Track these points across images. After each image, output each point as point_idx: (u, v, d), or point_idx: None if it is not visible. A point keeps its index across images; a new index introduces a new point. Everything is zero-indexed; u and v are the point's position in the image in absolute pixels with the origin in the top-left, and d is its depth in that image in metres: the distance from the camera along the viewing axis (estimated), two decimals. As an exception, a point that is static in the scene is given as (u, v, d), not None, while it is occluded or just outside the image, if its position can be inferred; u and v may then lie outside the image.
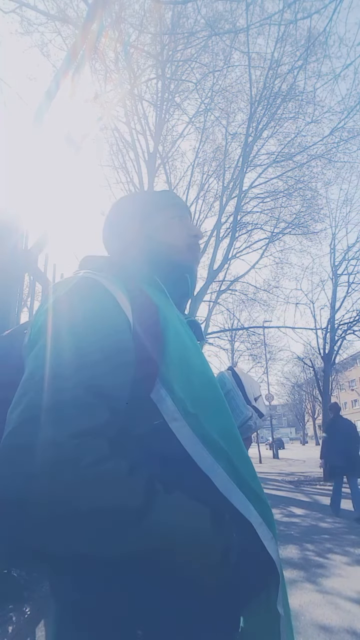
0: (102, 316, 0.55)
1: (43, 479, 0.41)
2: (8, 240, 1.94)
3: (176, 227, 0.81)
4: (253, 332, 15.59)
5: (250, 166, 10.39)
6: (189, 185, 10.79)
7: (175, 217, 0.82)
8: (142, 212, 0.82)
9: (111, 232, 0.84)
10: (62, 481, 0.41)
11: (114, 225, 0.83)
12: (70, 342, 0.51)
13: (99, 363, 0.50)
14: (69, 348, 0.51)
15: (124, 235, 0.81)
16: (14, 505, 0.40)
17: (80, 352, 0.50)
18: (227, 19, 8.78)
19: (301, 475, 11.45)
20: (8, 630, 0.88)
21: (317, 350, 11.31)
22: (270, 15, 7.23)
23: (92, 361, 0.50)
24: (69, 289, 0.58)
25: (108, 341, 0.53)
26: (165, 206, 0.83)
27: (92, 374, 0.49)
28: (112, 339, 0.53)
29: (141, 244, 0.79)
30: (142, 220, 0.81)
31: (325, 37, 7.59)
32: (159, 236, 0.79)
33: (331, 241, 11.58)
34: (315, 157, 10.49)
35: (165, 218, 0.81)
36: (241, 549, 0.51)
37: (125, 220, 0.82)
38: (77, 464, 0.42)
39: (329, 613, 2.53)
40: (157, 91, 9.59)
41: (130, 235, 0.80)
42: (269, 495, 7.83)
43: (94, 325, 0.53)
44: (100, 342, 0.52)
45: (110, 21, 6.20)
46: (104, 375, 0.50)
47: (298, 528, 4.91)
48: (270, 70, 9.21)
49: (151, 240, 0.79)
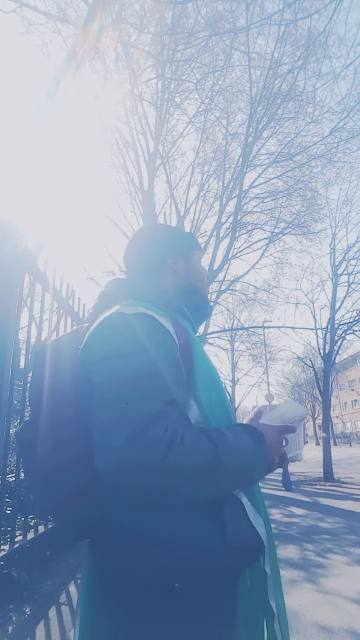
0: (165, 344, 0.71)
1: (161, 463, 0.59)
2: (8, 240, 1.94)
3: (202, 268, 1.01)
4: (253, 332, 15.60)
5: (250, 166, 10.38)
6: (189, 185, 10.81)
7: (200, 258, 1.02)
8: (181, 248, 0.97)
9: (137, 255, 0.97)
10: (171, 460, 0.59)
11: (143, 249, 0.96)
12: (144, 365, 0.67)
13: (169, 380, 0.67)
14: (143, 371, 0.66)
15: (157, 264, 0.95)
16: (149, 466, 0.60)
17: (155, 374, 0.67)
18: (227, 19, 8.78)
19: (301, 475, 11.44)
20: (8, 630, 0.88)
21: (317, 350, 11.29)
22: (270, 15, 7.23)
23: (164, 379, 0.67)
24: (130, 320, 0.71)
25: (173, 362, 0.70)
26: (197, 247, 1.02)
27: (166, 389, 0.66)
28: (175, 361, 0.71)
29: (177, 276, 0.95)
30: (178, 256, 0.96)
31: (325, 37, 7.60)
32: (193, 274, 0.97)
33: (331, 241, 11.56)
34: (315, 157, 10.49)
35: (197, 259, 1.00)
36: (235, 522, 0.68)
37: (161, 250, 0.96)
38: (173, 445, 0.60)
39: (329, 613, 2.53)
40: (157, 91, 9.58)
41: (165, 267, 0.94)
42: (269, 495, 7.84)
43: (161, 351, 0.70)
44: (169, 363, 0.69)
45: (110, 21, 6.20)
46: (173, 390, 0.67)
47: (298, 528, 4.91)
48: (270, 70, 9.21)
49: (187, 277, 0.96)
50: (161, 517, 0.63)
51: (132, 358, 0.66)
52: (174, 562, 0.61)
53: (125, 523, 0.64)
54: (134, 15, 8.24)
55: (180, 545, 0.62)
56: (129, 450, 0.59)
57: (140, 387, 0.64)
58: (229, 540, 0.64)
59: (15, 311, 2.24)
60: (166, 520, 0.63)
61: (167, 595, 0.62)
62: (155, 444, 0.59)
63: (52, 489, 0.69)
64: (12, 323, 2.19)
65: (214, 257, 10.21)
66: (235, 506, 0.69)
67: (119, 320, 0.71)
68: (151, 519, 0.64)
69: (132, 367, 0.66)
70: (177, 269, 0.94)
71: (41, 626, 2.15)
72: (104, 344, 0.70)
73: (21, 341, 3.86)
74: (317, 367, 11.56)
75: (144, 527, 0.63)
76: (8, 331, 2.15)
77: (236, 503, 0.70)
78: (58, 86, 3.57)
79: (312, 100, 9.78)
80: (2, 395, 2.08)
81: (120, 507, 0.65)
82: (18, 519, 2.53)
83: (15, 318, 2.25)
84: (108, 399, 0.64)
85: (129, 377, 0.65)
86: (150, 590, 0.62)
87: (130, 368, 0.66)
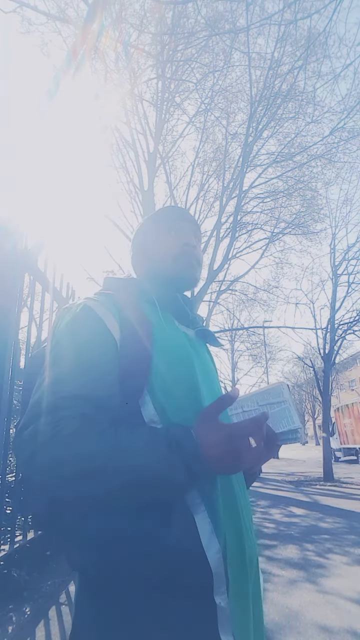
0: (87, 336, 0.66)
1: (40, 452, 0.54)
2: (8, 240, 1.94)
3: (167, 242, 0.85)
4: (253, 332, 15.59)
5: (250, 166, 10.37)
6: (189, 185, 10.80)
7: (171, 230, 0.85)
8: (147, 230, 0.89)
9: (131, 252, 0.93)
10: (48, 450, 0.54)
11: (132, 244, 0.93)
12: (60, 358, 0.63)
13: (79, 374, 0.61)
14: (57, 364, 0.63)
15: (136, 254, 0.90)
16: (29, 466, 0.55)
17: (67, 366, 0.62)
18: (227, 19, 8.78)
19: (301, 475, 11.45)
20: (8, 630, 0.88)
21: (317, 350, 11.29)
22: (270, 15, 7.22)
23: (74, 372, 0.61)
24: (69, 315, 0.69)
25: (90, 356, 0.64)
26: (161, 221, 0.87)
27: (76, 383, 0.60)
28: (94, 355, 0.64)
29: (143, 263, 0.87)
30: (144, 240, 0.88)
31: (325, 37, 7.60)
32: (152, 253, 0.86)
33: (331, 241, 11.56)
34: (315, 157, 10.48)
35: (158, 234, 0.86)
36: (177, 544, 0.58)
37: (136, 239, 0.91)
38: (57, 436, 0.54)
39: (329, 613, 2.53)
40: (157, 91, 9.59)
41: (139, 254, 0.89)
42: (269, 495, 7.84)
43: (79, 343, 0.65)
44: (85, 359, 0.63)
45: (110, 21, 6.20)
46: (82, 385, 0.60)
47: (298, 528, 4.91)
48: (270, 70, 9.20)
49: (147, 259, 0.86)
50: (106, 517, 0.58)
51: (53, 350, 0.65)
52: (112, 565, 0.58)
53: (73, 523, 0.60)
54: (134, 15, 8.25)
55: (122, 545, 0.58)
56: (15, 443, 0.60)
57: (44, 379, 0.62)
58: (165, 555, 0.57)
59: (15, 311, 2.24)
60: (116, 520, 0.58)
61: (104, 599, 0.59)
62: (30, 437, 0.56)
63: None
64: (12, 323, 2.19)
65: (214, 257, 10.21)
66: (186, 522, 0.60)
67: (57, 317, 0.73)
68: (94, 518, 0.58)
69: (53, 359, 0.64)
70: (146, 253, 0.87)
71: (41, 626, 2.15)
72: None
73: (21, 341, 3.86)
74: (317, 367, 11.56)
75: (87, 527, 0.59)
76: (8, 331, 2.15)
77: (188, 519, 0.60)
78: (58, 86, 3.57)
79: (312, 100, 9.78)
80: (2, 395, 2.09)
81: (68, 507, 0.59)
82: (18, 519, 2.53)
83: (15, 318, 2.25)
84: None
85: (46, 370, 0.64)
86: (91, 595, 0.61)
87: (52, 359, 0.64)
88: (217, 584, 0.59)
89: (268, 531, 4.78)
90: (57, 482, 0.54)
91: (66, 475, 0.53)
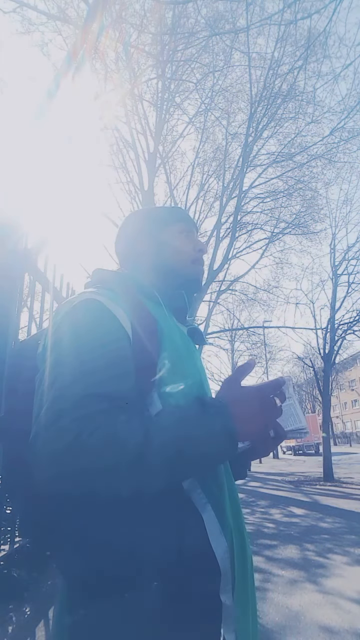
0: (103, 331, 0.64)
1: (67, 452, 0.52)
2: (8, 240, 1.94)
3: (183, 242, 0.87)
4: (253, 332, 15.59)
5: (250, 166, 10.38)
6: (189, 185, 10.80)
7: (183, 232, 0.88)
8: (152, 226, 0.88)
9: (122, 245, 0.90)
10: (73, 452, 0.52)
11: (125, 238, 0.90)
12: (74, 356, 0.61)
13: (98, 372, 0.59)
14: (72, 361, 0.60)
15: (134, 248, 0.88)
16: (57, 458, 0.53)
17: (83, 364, 0.59)
18: (228, 19, 8.79)
19: (301, 475, 11.45)
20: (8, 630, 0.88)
21: (317, 350, 11.28)
22: (270, 15, 7.22)
23: (91, 370, 0.59)
24: (74, 308, 0.67)
25: (108, 353, 0.62)
26: (174, 221, 0.88)
27: (93, 381, 0.58)
28: (111, 351, 0.62)
29: (150, 257, 0.85)
30: (151, 234, 0.87)
31: (325, 37, 7.58)
32: (167, 250, 0.85)
33: (331, 241, 11.54)
34: (316, 157, 10.49)
35: (173, 233, 0.87)
36: (188, 545, 0.58)
37: (135, 233, 0.88)
38: (79, 438, 0.52)
39: (330, 613, 2.53)
40: (157, 91, 9.58)
41: (140, 249, 0.87)
42: (269, 495, 7.84)
43: (95, 340, 0.63)
44: (100, 354, 0.61)
45: (110, 21, 6.20)
46: (103, 382, 0.59)
47: (298, 528, 4.91)
48: (270, 70, 9.21)
49: (159, 254, 0.85)
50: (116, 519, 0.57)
51: (54, 350, 0.63)
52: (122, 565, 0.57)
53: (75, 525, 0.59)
54: (134, 15, 8.24)
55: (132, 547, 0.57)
56: (36, 442, 0.55)
57: (56, 379, 0.59)
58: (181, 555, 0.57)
59: (15, 311, 2.24)
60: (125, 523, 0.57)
61: (112, 600, 0.58)
62: (60, 434, 0.53)
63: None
64: (12, 323, 2.19)
65: (214, 257, 10.21)
66: (194, 522, 0.60)
67: (58, 312, 0.70)
68: (102, 520, 0.58)
69: (55, 359, 0.62)
70: (147, 249, 0.86)
71: (41, 626, 2.14)
72: (45, 339, 0.68)
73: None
74: (317, 367, 11.55)
75: (96, 529, 0.58)
76: (8, 332, 2.15)
77: (195, 519, 0.61)
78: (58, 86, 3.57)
79: (312, 100, 9.78)
80: (1, 395, 2.08)
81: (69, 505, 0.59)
82: (18, 519, 2.52)
83: (15, 318, 2.25)
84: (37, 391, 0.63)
85: (50, 369, 0.61)
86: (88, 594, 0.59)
87: (54, 360, 0.62)
88: (224, 583, 0.60)
89: (268, 531, 4.78)
90: (100, 472, 0.53)
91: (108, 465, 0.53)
